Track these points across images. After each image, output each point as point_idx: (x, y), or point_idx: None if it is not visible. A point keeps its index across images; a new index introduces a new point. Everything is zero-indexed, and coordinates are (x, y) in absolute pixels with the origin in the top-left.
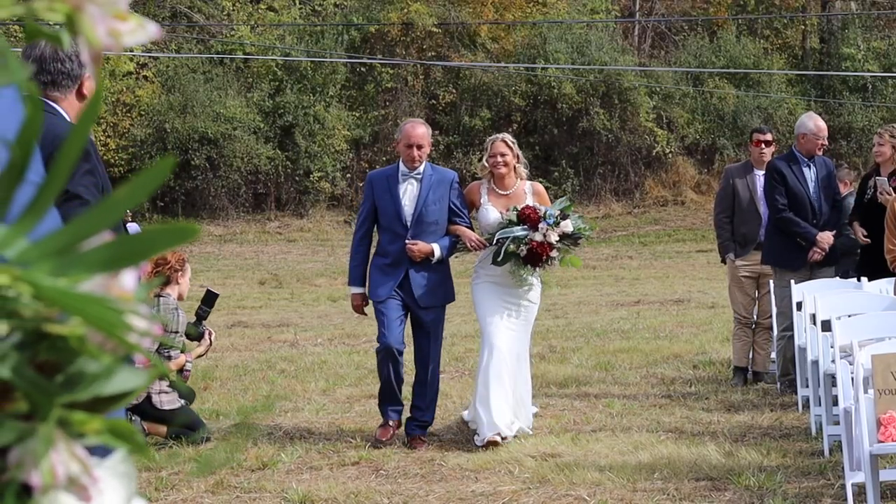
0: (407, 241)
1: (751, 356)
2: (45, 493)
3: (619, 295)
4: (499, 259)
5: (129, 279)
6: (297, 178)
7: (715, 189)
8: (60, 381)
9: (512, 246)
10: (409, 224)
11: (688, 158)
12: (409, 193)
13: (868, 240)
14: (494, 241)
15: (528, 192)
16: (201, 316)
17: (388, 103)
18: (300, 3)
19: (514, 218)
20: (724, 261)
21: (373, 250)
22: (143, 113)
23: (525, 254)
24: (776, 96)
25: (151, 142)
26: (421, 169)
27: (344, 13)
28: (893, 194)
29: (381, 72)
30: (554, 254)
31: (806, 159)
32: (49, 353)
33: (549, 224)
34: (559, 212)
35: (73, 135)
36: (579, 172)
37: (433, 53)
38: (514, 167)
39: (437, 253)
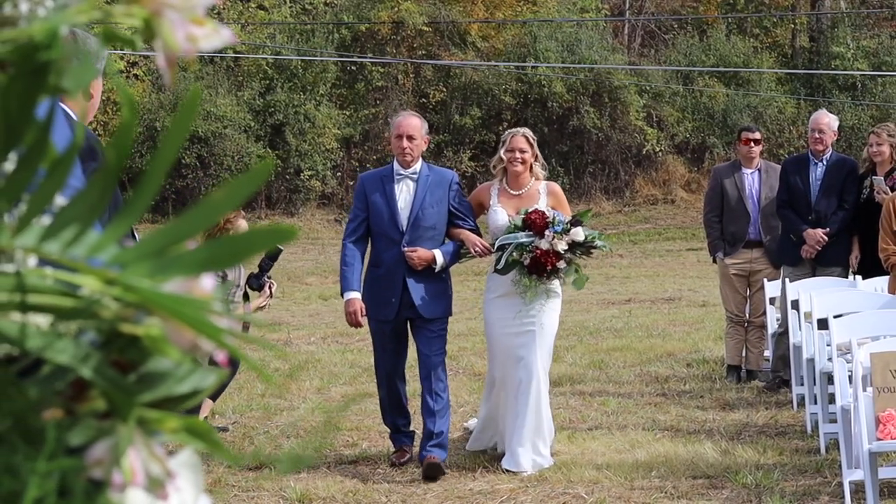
0: (405, 248)
1: (744, 354)
2: (123, 490)
3: (610, 293)
4: (499, 267)
5: (208, 281)
6: (287, 177)
7: (705, 188)
8: (134, 379)
9: (515, 254)
10: (404, 229)
11: (678, 157)
12: (404, 195)
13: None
14: (496, 248)
15: (543, 192)
16: (264, 269)
17: (378, 102)
18: (290, 2)
19: (519, 223)
20: (714, 260)
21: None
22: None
23: (529, 263)
24: (766, 95)
25: (142, 140)
26: (417, 168)
27: (334, 12)
28: (891, 193)
29: (371, 70)
30: (561, 264)
31: (814, 157)
32: (123, 352)
33: (556, 231)
34: (571, 218)
35: (169, 137)
36: (569, 171)
37: (423, 52)
38: (531, 166)
39: (440, 260)
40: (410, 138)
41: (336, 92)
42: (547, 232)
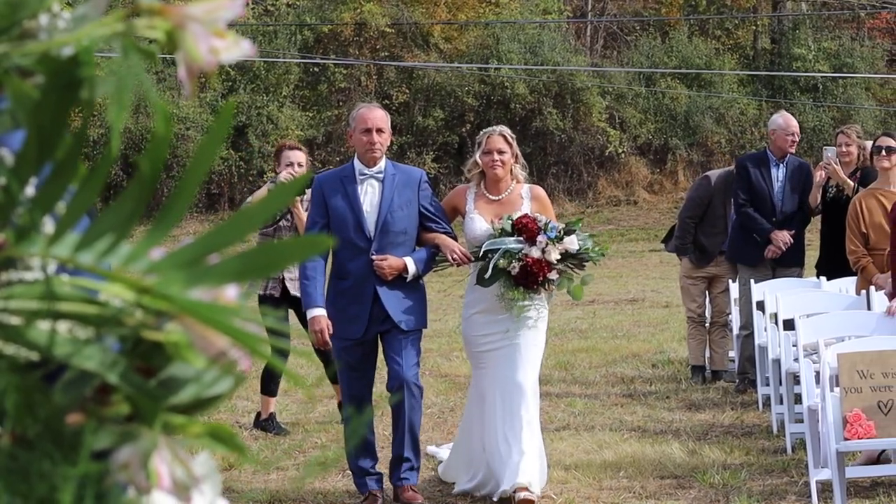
0: (374, 257)
1: (708, 355)
2: (147, 493)
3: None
4: (485, 276)
5: (231, 290)
6: (250, 178)
7: (668, 189)
8: (156, 384)
9: (502, 261)
10: (372, 235)
11: (640, 158)
12: (369, 197)
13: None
14: (481, 255)
15: (526, 196)
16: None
17: (341, 103)
18: (252, 3)
19: (507, 227)
20: (664, 245)
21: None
22: (94, 113)
23: (517, 272)
24: (728, 96)
25: (104, 142)
26: (382, 166)
27: (297, 13)
28: (838, 166)
29: (334, 72)
30: (553, 276)
31: (776, 158)
32: (145, 358)
33: (549, 238)
34: (564, 225)
35: (204, 148)
36: (532, 172)
37: (386, 53)
38: (511, 168)
39: (412, 268)
40: (379, 131)
41: (299, 93)
42: (539, 238)
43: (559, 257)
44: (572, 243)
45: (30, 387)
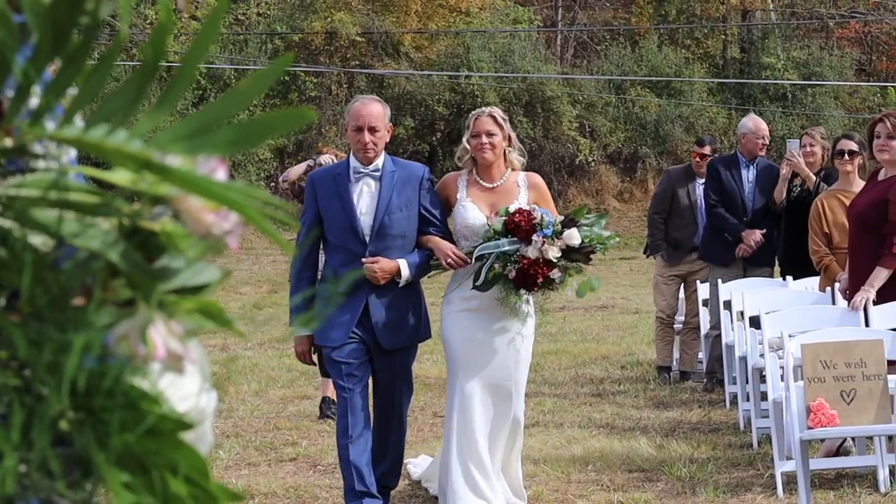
0: (364, 260)
1: (678, 355)
2: (146, 363)
3: (543, 301)
4: (479, 283)
5: (221, 172)
6: None
7: (638, 197)
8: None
9: (497, 265)
10: (367, 238)
11: (610, 167)
12: (365, 197)
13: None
14: (474, 259)
15: (523, 184)
16: None
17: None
18: (224, 13)
19: (499, 227)
20: (646, 253)
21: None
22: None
23: (514, 275)
24: (697, 105)
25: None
26: (380, 164)
27: (267, 22)
28: (801, 159)
29: (304, 80)
30: (555, 274)
31: (746, 160)
32: (141, 247)
33: (546, 235)
34: (563, 217)
35: (203, 32)
36: None
37: (357, 62)
38: (505, 152)
39: (405, 272)
40: (373, 130)
41: (269, 102)
42: (535, 237)
43: (559, 254)
44: (572, 237)
45: (41, 263)
